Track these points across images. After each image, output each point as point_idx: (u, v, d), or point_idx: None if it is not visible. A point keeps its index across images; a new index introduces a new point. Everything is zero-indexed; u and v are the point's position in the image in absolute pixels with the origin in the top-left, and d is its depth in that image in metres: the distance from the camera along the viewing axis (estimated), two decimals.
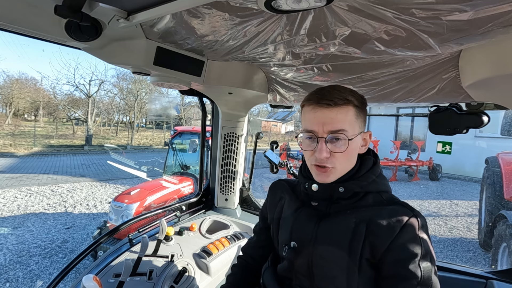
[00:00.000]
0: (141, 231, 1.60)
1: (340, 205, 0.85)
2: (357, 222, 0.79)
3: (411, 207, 0.80)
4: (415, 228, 0.75)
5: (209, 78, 1.38)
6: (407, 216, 0.76)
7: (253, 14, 0.79)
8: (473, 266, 4.08)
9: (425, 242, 0.74)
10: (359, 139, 0.83)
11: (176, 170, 6.17)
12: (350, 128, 0.79)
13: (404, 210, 0.78)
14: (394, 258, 0.74)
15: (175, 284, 1.28)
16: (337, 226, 0.81)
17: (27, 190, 8.00)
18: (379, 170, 0.87)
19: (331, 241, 0.81)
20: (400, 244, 0.74)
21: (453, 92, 1.13)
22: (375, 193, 0.85)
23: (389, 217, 0.76)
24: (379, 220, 0.77)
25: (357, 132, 0.82)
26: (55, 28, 0.84)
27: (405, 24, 0.73)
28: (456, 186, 10.31)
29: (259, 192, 8.13)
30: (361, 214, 0.80)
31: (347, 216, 0.82)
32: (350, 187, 0.82)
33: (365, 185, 0.83)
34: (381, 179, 0.86)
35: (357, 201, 0.84)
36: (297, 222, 0.89)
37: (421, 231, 0.75)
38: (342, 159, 0.80)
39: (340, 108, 0.78)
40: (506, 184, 4.57)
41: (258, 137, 2.13)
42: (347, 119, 0.79)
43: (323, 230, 0.83)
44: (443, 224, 6.19)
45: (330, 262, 0.81)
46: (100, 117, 23.66)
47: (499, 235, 3.96)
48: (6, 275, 3.85)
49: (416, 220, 0.75)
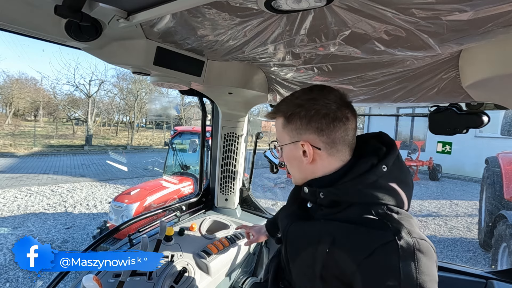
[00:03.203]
0: (141, 231, 1.60)
1: (323, 212, 0.79)
2: (324, 234, 0.71)
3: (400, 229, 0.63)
4: (391, 256, 0.60)
5: (209, 78, 1.38)
6: (382, 240, 0.62)
7: (253, 14, 0.79)
8: (473, 266, 4.08)
9: (408, 273, 0.58)
10: (292, 149, 0.80)
11: (176, 170, 6.18)
12: (280, 137, 0.84)
13: (383, 232, 0.63)
14: (362, 286, 0.62)
15: (175, 284, 1.28)
16: (307, 231, 0.78)
17: (27, 190, 8.01)
18: (374, 177, 0.71)
19: (296, 244, 0.81)
20: (368, 273, 0.61)
21: (453, 92, 1.13)
22: (363, 205, 0.71)
23: (359, 240, 0.65)
24: (346, 240, 0.67)
25: (287, 141, 0.81)
26: (55, 28, 0.84)
27: (405, 24, 0.73)
28: (456, 186, 10.31)
29: (259, 192, 8.13)
30: (332, 227, 0.71)
31: (319, 224, 0.75)
32: (327, 194, 0.75)
33: (343, 194, 0.73)
34: (374, 189, 0.71)
35: (337, 212, 0.74)
36: (281, 216, 0.94)
37: (404, 259, 0.59)
38: (288, 166, 0.85)
39: (275, 119, 0.85)
40: (506, 184, 4.57)
41: (258, 137, 2.13)
42: (278, 129, 0.84)
43: (291, 232, 0.83)
44: (443, 224, 6.19)
45: (297, 266, 0.80)
46: (100, 117, 23.66)
47: (499, 235, 3.97)
48: (6, 275, 3.85)
49: (395, 246, 0.60)
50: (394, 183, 0.73)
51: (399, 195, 0.72)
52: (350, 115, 0.77)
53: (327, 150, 0.77)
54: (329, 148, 0.77)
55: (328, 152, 0.77)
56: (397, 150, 0.78)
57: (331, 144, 0.76)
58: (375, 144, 0.80)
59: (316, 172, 0.80)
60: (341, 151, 0.77)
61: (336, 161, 0.78)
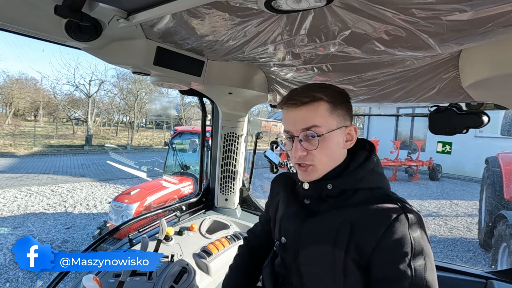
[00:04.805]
0: (141, 231, 1.60)
1: (329, 203, 0.82)
2: (341, 222, 0.76)
3: (403, 204, 0.74)
4: (404, 226, 0.70)
5: (209, 78, 1.38)
6: (395, 214, 0.72)
7: (253, 14, 0.79)
8: (473, 266, 4.08)
9: (417, 240, 0.70)
10: (338, 134, 0.80)
11: (176, 170, 6.17)
12: (324, 123, 0.78)
13: (393, 207, 0.73)
14: (382, 260, 0.71)
15: (175, 284, 1.28)
16: (321, 226, 0.80)
17: (27, 190, 8.00)
18: (371, 165, 0.82)
19: (315, 240, 0.80)
20: (388, 245, 0.70)
21: (453, 92, 1.13)
22: (366, 190, 0.80)
23: (375, 216, 0.73)
24: (364, 219, 0.74)
25: (334, 127, 0.79)
26: (55, 28, 0.84)
27: (405, 24, 0.73)
28: (456, 186, 10.31)
29: (259, 192, 8.13)
30: (347, 214, 0.77)
31: (332, 215, 0.79)
32: (337, 184, 0.80)
33: (353, 182, 0.80)
34: (373, 175, 0.82)
35: (346, 199, 0.80)
36: (286, 218, 0.90)
37: (412, 228, 0.71)
38: (319, 156, 0.79)
39: (309, 106, 0.78)
40: (506, 184, 4.57)
41: (258, 137, 2.13)
42: (318, 115, 0.78)
43: (307, 229, 0.82)
44: (443, 224, 6.19)
45: (315, 262, 0.80)
46: (100, 117, 23.65)
47: (499, 235, 3.96)
48: (6, 275, 3.85)
49: (405, 218, 0.71)
50: (382, 170, 0.86)
51: (386, 180, 0.86)
52: None
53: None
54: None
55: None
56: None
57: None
58: (358, 142, 0.88)
59: (340, 160, 0.84)
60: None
61: (346, 153, 0.86)
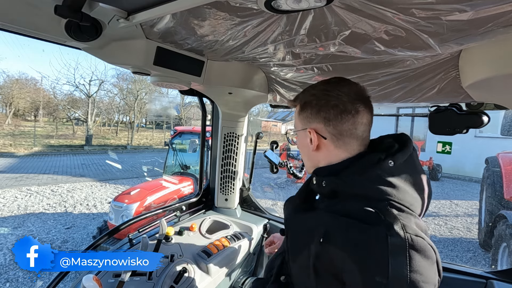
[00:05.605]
0: (141, 231, 1.60)
1: (324, 203, 0.80)
2: (317, 225, 0.71)
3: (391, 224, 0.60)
4: (379, 252, 0.59)
5: (209, 78, 1.38)
6: (373, 236, 0.61)
7: (253, 14, 0.79)
8: (473, 266, 4.08)
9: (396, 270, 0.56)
10: (302, 136, 0.85)
11: (176, 170, 6.18)
12: (296, 123, 0.88)
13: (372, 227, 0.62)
14: (351, 280, 0.62)
15: (175, 284, 1.28)
16: (303, 223, 0.81)
17: (27, 190, 8.01)
18: (378, 171, 0.69)
19: (296, 236, 0.83)
20: (356, 268, 0.61)
21: (453, 92, 1.13)
22: (363, 198, 0.69)
23: (348, 234, 0.64)
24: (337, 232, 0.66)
25: (299, 128, 0.86)
26: (55, 28, 0.84)
27: (405, 24, 0.73)
28: (456, 186, 10.31)
29: (259, 192, 8.13)
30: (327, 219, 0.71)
31: (316, 216, 0.77)
32: (329, 182, 0.76)
33: (343, 185, 0.73)
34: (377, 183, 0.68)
35: (337, 204, 0.74)
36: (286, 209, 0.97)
37: (396, 256, 0.57)
38: (300, 153, 0.90)
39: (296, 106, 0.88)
40: (506, 184, 4.57)
41: (258, 137, 2.13)
42: (295, 116, 0.88)
43: (292, 223, 0.87)
44: (443, 224, 6.19)
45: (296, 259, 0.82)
46: (100, 117, 23.65)
47: (499, 235, 3.97)
48: (6, 275, 3.85)
49: (385, 241, 0.58)
50: (402, 181, 0.69)
51: (406, 194, 0.69)
52: (362, 109, 0.76)
53: (333, 141, 0.78)
54: (336, 140, 0.78)
55: (335, 143, 0.78)
56: (410, 150, 0.75)
57: (337, 136, 0.77)
58: (390, 142, 0.79)
59: (320, 161, 0.83)
60: (349, 143, 0.77)
61: (342, 153, 0.78)
